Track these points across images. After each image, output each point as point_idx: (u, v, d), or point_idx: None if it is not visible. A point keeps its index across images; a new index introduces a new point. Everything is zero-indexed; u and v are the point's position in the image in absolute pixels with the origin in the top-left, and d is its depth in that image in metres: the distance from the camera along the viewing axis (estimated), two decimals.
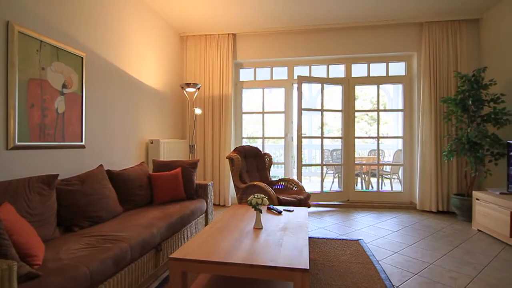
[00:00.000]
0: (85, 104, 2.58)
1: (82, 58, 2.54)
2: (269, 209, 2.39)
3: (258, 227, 1.87)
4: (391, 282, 2.00)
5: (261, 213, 1.91)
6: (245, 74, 4.79)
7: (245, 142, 4.96)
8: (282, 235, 1.75)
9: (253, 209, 1.89)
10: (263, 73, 4.73)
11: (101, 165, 2.41)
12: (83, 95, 2.55)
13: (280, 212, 2.29)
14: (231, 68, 4.39)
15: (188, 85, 3.85)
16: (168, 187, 2.72)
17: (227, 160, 3.56)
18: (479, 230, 3.18)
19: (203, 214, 2.99)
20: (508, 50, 3.50)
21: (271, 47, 4.47)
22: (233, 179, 3.21)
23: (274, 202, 2.76)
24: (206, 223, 3.06)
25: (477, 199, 3.22)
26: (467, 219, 3.53)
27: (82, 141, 2.54)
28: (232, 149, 4.13)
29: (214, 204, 4.38)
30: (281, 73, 4.68)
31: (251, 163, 3.55)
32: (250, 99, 5.67)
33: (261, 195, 1.91)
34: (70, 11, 2.44)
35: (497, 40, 3.70)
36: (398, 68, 4.52)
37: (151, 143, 3.54)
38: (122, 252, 1.62)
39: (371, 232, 3.15)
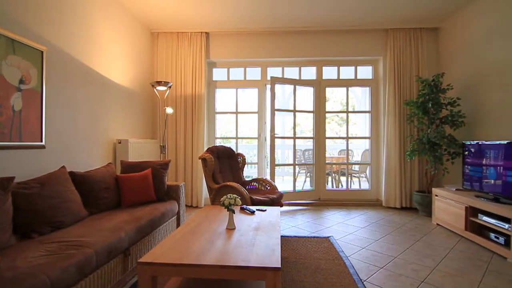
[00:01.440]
0: (46, 101, 2.41)
1: (42, 52, 2.37)
2: (242, 209, 2.39)
3: (231, 228, 1.87)
4: (359, 276, 2.09)
5: (234, 213, 1.91)
6: (219, 74, 4.75)
7: (218, 142, 4.91)
8: (255, 235, 1.75)
9: (226, 209, 1.88)
10: (237, 73, 4.73)
11: (63, 167, 2.27)
12: (43, 91, 2.38)
13: (253, 212, 2.30)
14: (204, 67, 4.34)
15: (159, 83, 3.74)
16: (137, 189, 2.62)
17: (200, 160, 3.51)
18: (438, 224, 3.42)
19: (175, 216, 2.92)
20: (462, 57, 3.80)
21: (244, 47, 4.48)
22: (206, 179, 3.17)
23: (247, 202, 2.77)
24: (178, 225, 2.99)
25: (436, 196, 3.46)
26: (427, 214, 3.77)
27: (42, 141, 2.37)
28: (205, 149, 4.08)
29: (186, 206, 4.30)
30: (254, 73, 4.71)
31: (224, 163, 3.53)
32: (224, 99, 5.63)
33: (234, 195, 1.91)
34: (29, 1, 2.27)
35: (453, 48, 4.00)
36: (365, 72, 4.74)
37: (119, 143, 3.39)
38: (87, 258, 1.54)
39: (340, 229, 3.27)
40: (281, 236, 2.93)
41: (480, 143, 3.05)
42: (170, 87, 3.90)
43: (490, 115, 3.33)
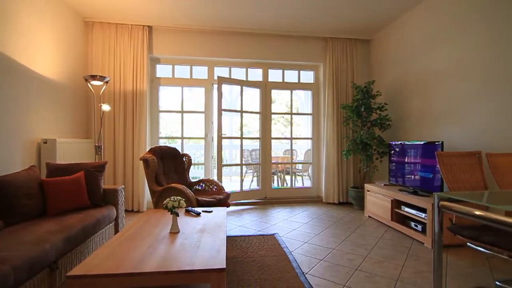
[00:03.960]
0: None
1: None
2: (187, 211, 2.32)
3: (174, 231, 1.80)
4: (301, 270, 2.20)
5: (178, 216, 1.84)
6: (163, 71, 4.54)
7: (163, 142, 4.70)
8: (200, 237, 1.72)
9: (170, 212, 1.81)
10: (182, 71, 4.57)
11: None
12: None
13: (198, 214, 2.25)
14: (146, 62, 4.10)
15: (94, 77, 3.42)
16: (67, 194, 2.35)
17: (141, 161, 3.30)
18: (369, 217, 3.79)
19: (112, 223, 2.70)
20: (388, 67, 4.29)
21: (191, 45, 4.36)
22: (148, 182, 3.00)
23: (192, 204, 2.70)
24: (116, 232, 2.77)
25: (368, 191, 3.83)
26: (361, 208, 4.16)
27: None
28: (148, 149, 3.86)
29: (126, 211, 4.01)
30: (201, 72, 4.61)
31: (169, 164, 3.39)
32: (168, 97, 5.40)
33: (178, 197, 1.84)
34: None
35: (381, 59, 4.49)
36: (308, 76, 5.01)
37: (45, 143, 3.00)
38: (2, 276, 1.33)
39: (285, 225, 3.40)
40: (228, 236, 2.93)
41: (402, 143, 3.47)
42: (107, 82, 3.60)
43: (411, 119, 3.82)
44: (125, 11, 3.80)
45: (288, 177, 5.78)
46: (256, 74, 4.89)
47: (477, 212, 1.32)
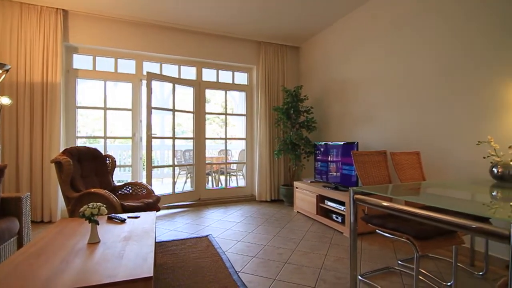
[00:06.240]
0: None
1: None
2: (109, 218, 2.11)
3: (93, 242, 1.61)
4: (234, 268, 2.22)
5: (98, 224, 1.66)
6: (81, 62, 4.03)
7: (82, 143, 4.21)
8: (124, 246, 1.58)
9: (88, 221, 1.62)
10: (106, 64, 4.15)
11: None
12: None
13: (123, 221, 2.07)
14: (60, 51, 3.59)
15: None
16: None
17: (53, 164, 2.88)
18: (298, 212, 4.05)
19: (15, 237, 2.29)
20: (314, 74, 4.67)
21: (116, 36, 3.98)
22: (61, 187, 2.63)
23: (117, 210, 2.47)
24: (20, 248, 2.35)
25: (296, 188, 4.10)
26: (291, 204, 4.42)
27: None
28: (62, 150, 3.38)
29: (34, 222, 3.45)
30: (128, 66, 4.26)
31: (88, 167, 3.04)
32: (89, 92, 4.85)
33: (98, 203, 1.66)
34: None
35: (308, 66, 4.85)
36: (242, 78, 5.10)
37: None
38: None
39: (219, 226, 3.39)
40: (159, 242, 2.78)
41: (326, 143, 3.81)
42: (7, 70, 3.03)
43: (333, 121, 4.23)
44: None
45: (222, 177, 5.78)
46: (189, 73, 4.75)
47: (384, 203, 1.53)
